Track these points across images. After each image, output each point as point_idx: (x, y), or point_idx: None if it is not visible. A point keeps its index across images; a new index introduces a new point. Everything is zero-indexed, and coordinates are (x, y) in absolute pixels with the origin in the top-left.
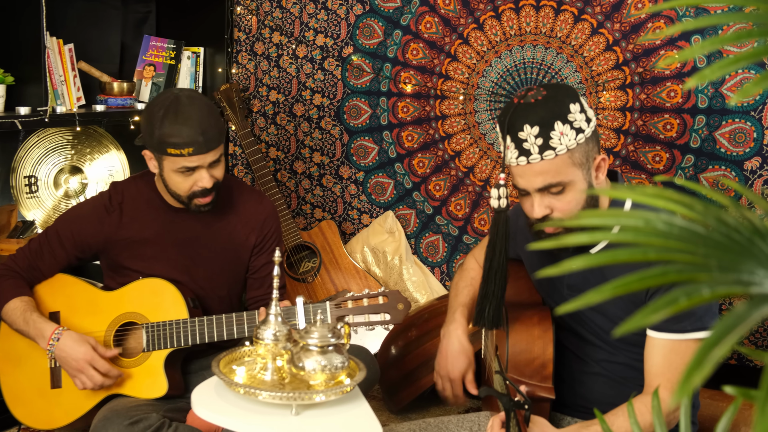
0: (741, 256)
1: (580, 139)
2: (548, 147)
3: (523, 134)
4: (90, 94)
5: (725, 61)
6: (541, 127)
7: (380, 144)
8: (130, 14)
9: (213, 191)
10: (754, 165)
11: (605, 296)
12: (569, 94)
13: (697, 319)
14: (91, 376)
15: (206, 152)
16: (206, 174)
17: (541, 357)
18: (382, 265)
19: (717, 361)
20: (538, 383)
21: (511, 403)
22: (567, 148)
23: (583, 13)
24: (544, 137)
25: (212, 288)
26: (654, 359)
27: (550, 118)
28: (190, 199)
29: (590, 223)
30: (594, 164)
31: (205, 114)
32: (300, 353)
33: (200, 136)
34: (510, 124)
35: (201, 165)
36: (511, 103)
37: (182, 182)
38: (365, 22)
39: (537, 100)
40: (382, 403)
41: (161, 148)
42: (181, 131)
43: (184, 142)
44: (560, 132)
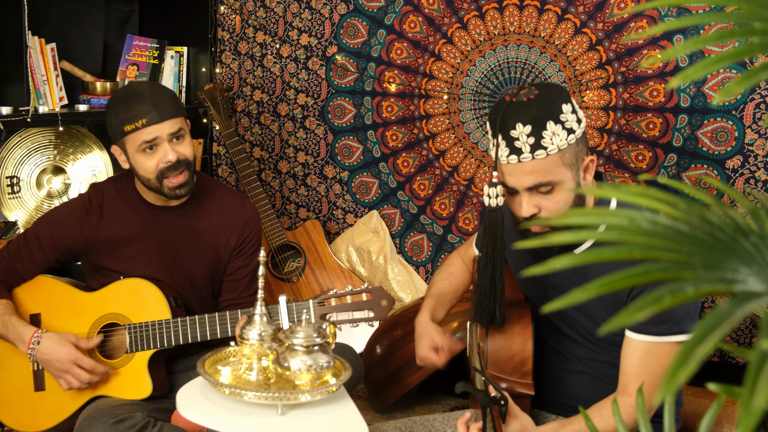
0: (724, 254)
1: (570, 139)
2: (540, 146)
3: (515, 133)
4: (73, 93)
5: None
6: (533, 126)
7: (365, 143)
8: (112, 13)
9: (183, 170)
10: (736, 164)
11: (591, 294)
12: (561, 95)
13: (675, 323)
14: (77, 374)
15: (160, 121)
16: (168, 147)
17: (521, 354)
18: (367, 264)
19: (701, 358)
20: (517, 380)
21: (487, 399)
22: (558, 148)
23: (566, 13)
24: (536, 136)
25: (192, 288)
26: (630, 360)
27: (543, 118)
28: (161, 182)
29: (576, 222)
30: (583, 165)
31: (156, 89)
32: (285, 353)
33: (152, 108)
34: (502, 122)
35: (160, 136)
36: (503, 101)
37: (147, 161)
38: (349, 22)
39: (529, 99)
40: (367, 403)
41: (120, 131)
42: (132, 107)
43: (136, 115)
44: (552, 132)
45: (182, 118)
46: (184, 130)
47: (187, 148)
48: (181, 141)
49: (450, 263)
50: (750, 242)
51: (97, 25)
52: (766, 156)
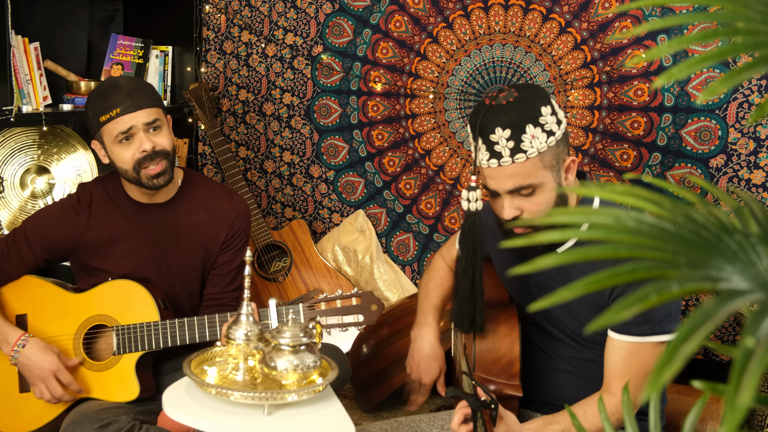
0: (709, 252)
1: (551, 141)
2: (519, 150)
3: (495, 137)
4: (57, 93)
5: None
6: (512, 130)
7: (350, 143)
8: (96, 13)
9: (161, 160)
10: (719, 162)
11: (577, 293)
12: (540, 96)
13: (657, 323)
14: (52, 386)
15: (135, 110)
16: (144, 137)
17: (508, 355)
18: (353, 264)
19: (687, 356)
20: (505, 381)
21: (477, 403)
22: (538, 151)
23: (551, 13)
24: (516, 140)
25: (183, 285)
26: (613, 360)
27: (522, 121)
28: (138, 172)
29: (561, 220)
30: (564, 166)
31: (133, 80)
32: (272, 353)
33: (127, 97)
34: (481, 126)
35: (135, 126)
36: (483, 104)
37: (124, 152)
38: (335, 21)
39: (509, 101)
40: (353, 402)
41: (96, 122)
42: (108, 97)
43: (111, 105)
44: (531, 135)
45: (159, 109)
46: (160, 121)
47: (164, 139)
48: (158, 132)
49: (437, 267)
50: (734, 241)
51: (81, 24)
52: (749, 155)
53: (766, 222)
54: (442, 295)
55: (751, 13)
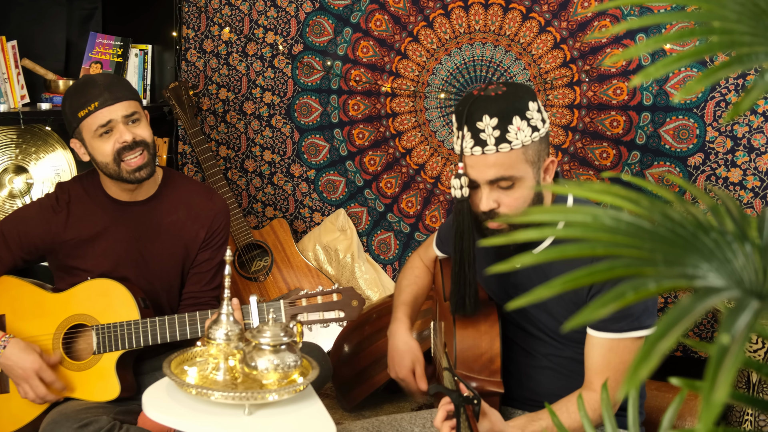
0: (686, 250)
1: (535, 137)
2: (504, 140)
3: (482, 124)
4: (35, 92)
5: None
6: (499, 119)
7: (331, 142)
8: (75, 11)
9: (142, 151)
10: (697, 161)
11: (554, 291)
12: (528, 93)
13: (635, 319)
14: (35, 386)
15: (113, 103)
16: (124, 128)
17: (489, 352)
18: (334, 263)
19: (663, 353)
20: (486, 378)
21: (460, 399)
22: (522, 144)
23: (530, 12)
24: (502, 129)
25: (162, 283)
26: (593, 357)
27: (509, 112)
28: (119, 165)
29: (538, 219)
30: (544, 165)
31: (109, 75)
32: (252, 353)
33: (105, 91)
34: (469, 113)
35: (114, 119)
36: (471, 95)
37: (103, 145)
38: (315, 20)
39: (497, 93)
40: (335, 401)
41: (74, 118)
42: (85, 92)
43: (89, 99)
44: (517, 127)
45: (137, 102)
46: (139, 113)
47: (144, 130)
48: (137, 124)
49: (413, 266)
50: (710, 238)
51: (60, 22)
52: (726, 153)
53: (742, 220)
54: (414, 292)
55: (726, 13)
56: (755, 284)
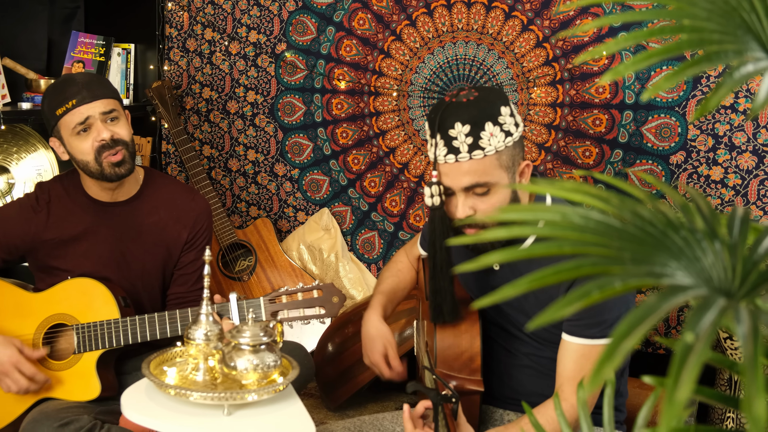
0: (654, 248)
1: (508, 141)
2: (477, 146)
3: (454, 132)
4: (16, 91)
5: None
6: (471, 126)
7: (315, 141)
8: (57, 10)
9: (121, 149)
10: (679, 159)
11: (521, 290)
12: (500, 97)
13: (608, 326)
14: (16, 379)
15: (91, 100)
16: (102, 126)
17: (469, 350)
18: (319, 262)
19: (627, 352)
20: (467, 377)
21: (438, 397)
22: (495, 150)
23: (513, 10)
24: (474, 136)
25: (144, 284)
26: (565, 362)
27: (481, 118)
28: (100, 162)
29: (509, 218)
30: (519, 169)
31: (89, 74)
32: (232, 353)
33: (83, 89)
34: (441, 121)
35: (92, 116)
36: (442, 102)
37: (83, 144)
38: (298, 19)
39: (469, 99)
40: (319, 401)
41: (53, 116)
42: (63, 90)
43: (67, 97)
44: (490, 133)
45: (116, 101)
46: (118, 112)
47: (123, 129)
48: (115, 122)
49: (397, 260)
50: (680, 236)
51: (41, 21)
52: (707, 151)
53: (712, 218)
54: (393, 284)
55: (696, 11)
56: (724, 282)
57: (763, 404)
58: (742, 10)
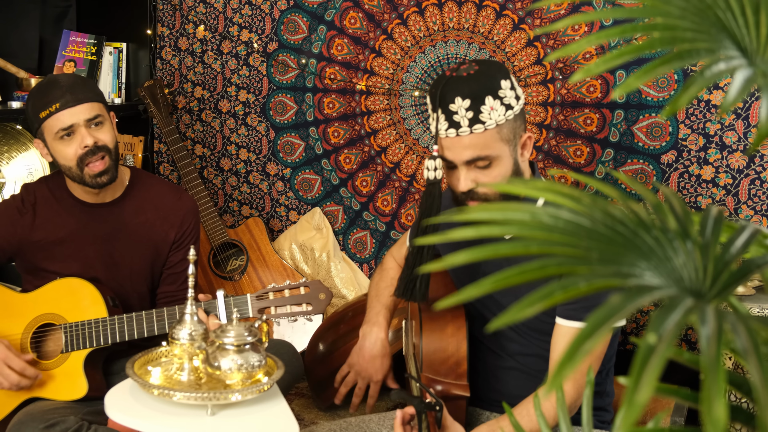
0: (624, 248)
1: (509, 115)
2: (478, 120)
3: (454, 106)
4: (6, 90)
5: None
6: (472, 101)
7: (306, 140)
8: (49, 9)
9: (104, 155)
10: (671, 158)
11: (485, 290)
12: (501, 71)
13: None
14: (7, 375)
15: (75, 104)
16: (86, 132)
17: (456, 355)
18: (310, 261)
19: (588, 351)
20: (453, 381)
21: (422, 405)
22: (496, 123)
23: (504, 9)
24: (475, 110)
25: (132, 285)
26: (559, 347)
27: (482, 92)
28: (82, 169)
29: (477, 217)
30: (520, 141)
31: (73, 77)
32: (216, 352)
33: (66, 92)
34: (441, 96)
35: (76, 123)
36: (443, 76)
37: (65, 149)
38: (289, 18)
39: (469, 74)
40: (310, 401)
41: (36, 119)
42: (47, 93)
43: (50, 100)
44: (490, 107)
45: (100, 104)
46: (102, 116)
47: (106, 134)
48: (99, 127)
49: (388, 267)
50: (651, 236)
51: (33, 20)
52: (698, 151)
53: (685, 218)
54: (392, 294)
55: (670, 9)
56: (695, 282)
57: (723, 406)
58: (717, 8)
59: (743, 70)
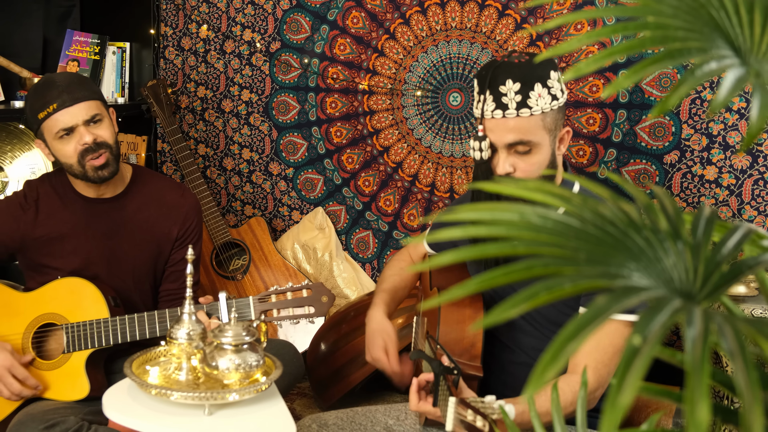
0: (613, 248)
1: (554, 105)
2: (525, 105)
3: (504, 88)
4: (10, 90)
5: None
6: (522, 84)
7: (309, 140)
8: (52, 8)
9: (104, 152)
10: (673, 158)
11: (470, 291)
12: (550, 63)
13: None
14: (9, 383)
15: (73, 104)
16: (85, 130)
17: (471, 336)
18: (313, 261)
19: (570, 354)
20: (467, 362)
21: (441, 368)
22: (542, 110)
23: (506, 9)
24: (523, 95)
25: (134, 282)
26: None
27: (532, 79)
28: (83, 166)
29: (465, 217)
30: (560, 135)
31: (70, 76)
32: (213, 352)
33: (63, 92)
34: (492, 77)
35: (76, 123)
36: (494, 61)
37: (66, 147)
38: (292, 17)
39: (520, 61)
40: (312, 400)
41: (35, 120)
42: (45, 94)
43: (48, 101)
44: (538, 93)
45: (98, 102)
46: (101, 115)
47: (106, 131)
48: (98, 125)
49: (400, 258)
50: (641, 237)
51: (36, 20)
52: (702, 151)
53: (677, 218)
54: (396, 282)
55: (662, 7)
56: (685, 283)
57: (706, 409)
58: (711, 7)
59: (735, 69)
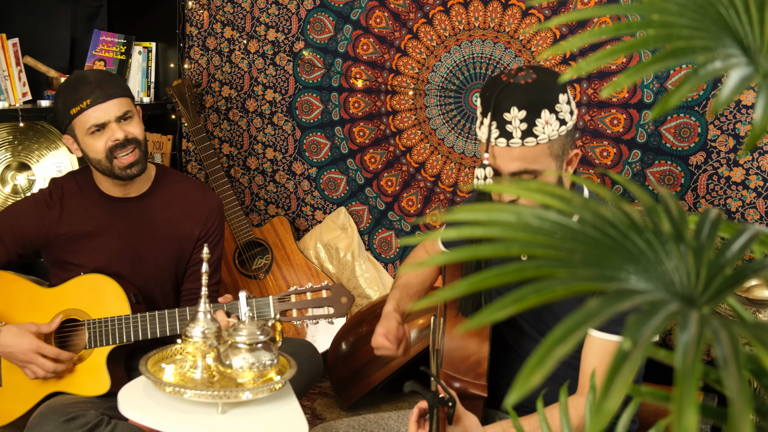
0: (611, 251)
1: (562, 130)
2: (531, 133)
3: (509, 116)
4: (38, 89)
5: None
6: (528, 112)
7: (332, 139)
8: (80, 9)
9: (134, 148)
10: (699, 160)
11: (459, 292)
12: (560, 84)
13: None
14: (42, 363)
15: (105, 101)
16: (116, 126)
17: (477, 354)
18: (335, 261)
19: (559, 358)
20: (471, 380)
21: (435, 400)
22: (549, 138)
23: (530, 8)
24: (529, 123)
25: (156, 280)
26: (590, 359)
27: (538, 105)
28: (111, 162)
29: (461, 218)
30: (567, 158)
31: (101, 72)
32: (228, 351)
33: (96, 88)
34: (496, 103)
35: (108, 119)
36: (499, 80)
37: (96, 143)
38: (316, 17)
39: (527, 82)
40: (333, 400)
41: (66, 115)
42: (78, 89)
43: (81, 97)
44: (545, 120)
45: (128, 99)
46: (131, 112)
47: (136, 128)
48: (129, 121)
49: (416, 255)
50: (642, 239)
51: (64, 20)
52: (728, 152)
53: (680, 220)
54: (412, 278)
55: (668, 5)
56: (686, 287)
57: (694, 416)
58: (720, 5)
59: (740, 68)
